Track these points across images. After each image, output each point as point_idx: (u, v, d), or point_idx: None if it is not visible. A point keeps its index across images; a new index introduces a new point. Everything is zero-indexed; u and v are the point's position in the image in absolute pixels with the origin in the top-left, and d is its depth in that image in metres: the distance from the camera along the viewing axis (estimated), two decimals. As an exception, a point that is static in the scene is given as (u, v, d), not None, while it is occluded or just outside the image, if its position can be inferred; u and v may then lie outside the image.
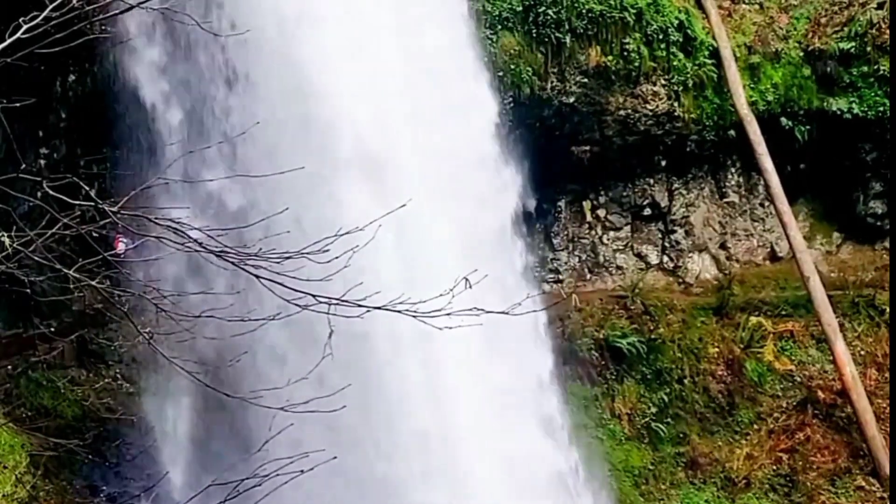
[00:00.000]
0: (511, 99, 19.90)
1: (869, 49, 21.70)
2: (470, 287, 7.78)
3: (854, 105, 21.94)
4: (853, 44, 21.88)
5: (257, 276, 7.42)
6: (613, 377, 21.33)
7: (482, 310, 7.90)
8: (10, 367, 16.85)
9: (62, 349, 16.17)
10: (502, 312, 8.27)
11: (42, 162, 17.13)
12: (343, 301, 7.72)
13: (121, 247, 15.33)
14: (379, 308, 7.88)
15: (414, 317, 7.87)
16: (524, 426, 17.48)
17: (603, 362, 21.34)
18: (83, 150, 17.77)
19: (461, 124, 17.28)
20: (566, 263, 22.43)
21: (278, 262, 7.26)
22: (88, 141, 17.78)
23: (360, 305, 7.81)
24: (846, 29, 22.07)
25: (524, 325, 15.45)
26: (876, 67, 21.64)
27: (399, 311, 7.84)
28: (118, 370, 17.16)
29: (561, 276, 22.38)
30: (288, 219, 9.59)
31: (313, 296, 7.54)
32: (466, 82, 17.84)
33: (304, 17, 15.60)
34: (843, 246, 23.27)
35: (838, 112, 22.06)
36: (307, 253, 7.34)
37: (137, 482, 14.18)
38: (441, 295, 7.74)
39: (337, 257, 7.53)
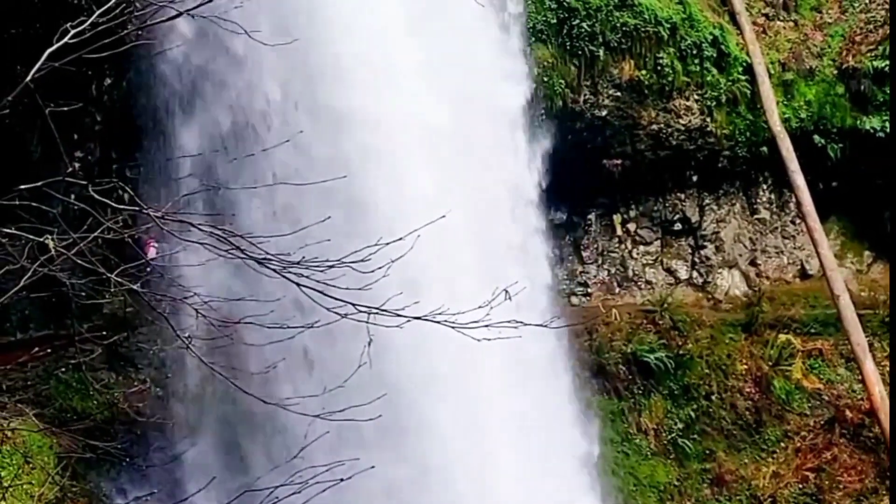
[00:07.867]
0: (543, 111, 19.89)
1: (903, 68, 21.59)
2: (510, 299, 7.79)
3: (887, 124, 21.83)
4: (887, 62, 21.78)
5: (299, 285, 7.44)
6: (640, 392, 21.27)
7: (521, 322, 7.90)
8: (40, 368, 16.92)
9: (92, 351, 16.18)
10: (541, 325, 8.28)
11: (77, 165, 17.15)
12: (382, 310, 7.71)
13: (152, 251, 15.36)
14: (418, 318, 7.86)
15: (452, 327, 7.85)
16: None
17: (630, 377, 21.28)
18: (117, 154, 17.81)
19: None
20: (595, 277, 22.40)
21: (321, 271, 7.28)
22: (123, 145, 17.81)
23: (399, 315, 7.78)
24: (881, 48, 22.01)
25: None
26: (911, 86, 21.55)
27: (438, 322, 7.82)
28: (148, 373, 17.22)
29: (589, 290, 22.34)
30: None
31: (353, 304, 7.55)
32: None
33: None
34: (874, 265, 23.17)
35: (871, 130, 21.99)
36: (350, 262, 7.34)
37: (165, 487, 14.21)
38: (480, 306, 7.75)
39: (380, 267, 7.53)
